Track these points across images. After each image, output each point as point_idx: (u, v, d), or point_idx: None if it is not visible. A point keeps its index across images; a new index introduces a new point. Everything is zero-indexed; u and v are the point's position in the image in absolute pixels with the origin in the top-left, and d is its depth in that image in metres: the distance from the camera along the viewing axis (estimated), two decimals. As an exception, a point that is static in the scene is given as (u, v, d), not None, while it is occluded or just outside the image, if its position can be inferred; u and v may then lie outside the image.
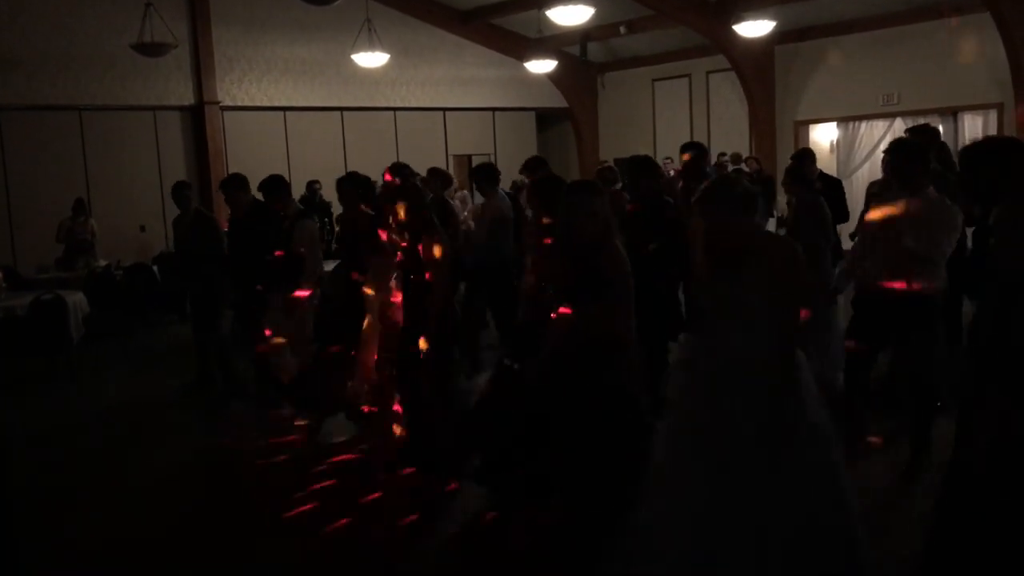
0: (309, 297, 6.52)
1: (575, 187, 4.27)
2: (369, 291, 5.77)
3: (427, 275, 5.07)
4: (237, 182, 7.28)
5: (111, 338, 10.14)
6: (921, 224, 4.74)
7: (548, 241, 4.61)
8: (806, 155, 8.37)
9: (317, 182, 13.77)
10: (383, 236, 5.54)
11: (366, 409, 5.70)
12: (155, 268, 11.70)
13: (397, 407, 5.31)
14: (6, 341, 8.58)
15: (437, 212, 5.85)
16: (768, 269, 3.30)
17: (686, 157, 7.15)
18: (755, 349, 3.28)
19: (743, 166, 12.74)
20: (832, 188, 7.92)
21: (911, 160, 4.91)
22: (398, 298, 5.39)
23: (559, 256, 4.30)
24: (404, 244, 5.21)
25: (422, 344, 5.01)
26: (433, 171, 8.45)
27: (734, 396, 3.28)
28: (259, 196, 7.12)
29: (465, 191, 13.51)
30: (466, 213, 10.79)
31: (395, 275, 5.48)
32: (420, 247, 5.09)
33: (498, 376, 4.74)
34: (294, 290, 6.40)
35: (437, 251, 5.05)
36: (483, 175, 7.90)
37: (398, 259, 5.31)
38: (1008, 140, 3.89)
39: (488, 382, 4.85)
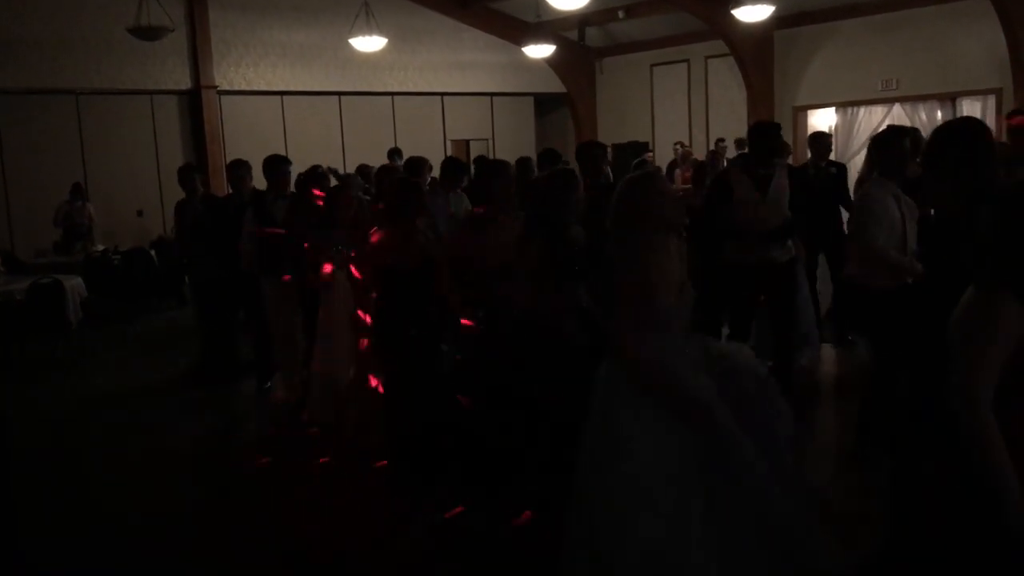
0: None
1: (553, 175, 4.47)
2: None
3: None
4: (247, 165, 7.29)
5: (109, 323, 10.13)
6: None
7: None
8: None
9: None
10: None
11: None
12: (153, 253, 11.69)
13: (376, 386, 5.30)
14: (4, 325, 8.58)
15: None
16: None
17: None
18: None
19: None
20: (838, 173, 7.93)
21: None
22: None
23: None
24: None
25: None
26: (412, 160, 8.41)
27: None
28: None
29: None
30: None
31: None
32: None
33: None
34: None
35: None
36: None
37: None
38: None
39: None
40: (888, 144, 4.85)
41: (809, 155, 8.16)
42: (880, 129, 13.30)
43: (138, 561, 4.27)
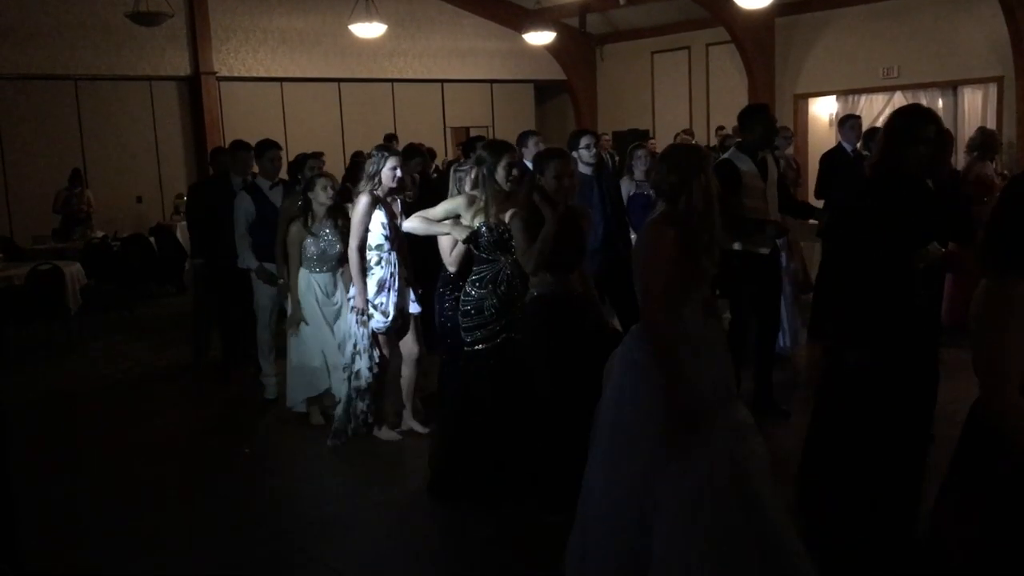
0: None
1: (547, 152, 4.34)
2: None
3: None
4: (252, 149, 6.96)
5: (108, 309, 10.12)
6: None
7: None
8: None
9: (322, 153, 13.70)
10: None
11: None
12: (152, 239, 11.67)
13: None
14: (4, 311, 8.57)
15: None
16: None
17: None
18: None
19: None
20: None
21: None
22: None
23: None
24: None
25: None
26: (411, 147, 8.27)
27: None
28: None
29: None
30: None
31: None
32: None
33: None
34: None
35: None
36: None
37: None
38: None
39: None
40: None
41: (842, 140, 7.95)
42: (880, 119, 13.29)
43: (136, 547, 4.28)
